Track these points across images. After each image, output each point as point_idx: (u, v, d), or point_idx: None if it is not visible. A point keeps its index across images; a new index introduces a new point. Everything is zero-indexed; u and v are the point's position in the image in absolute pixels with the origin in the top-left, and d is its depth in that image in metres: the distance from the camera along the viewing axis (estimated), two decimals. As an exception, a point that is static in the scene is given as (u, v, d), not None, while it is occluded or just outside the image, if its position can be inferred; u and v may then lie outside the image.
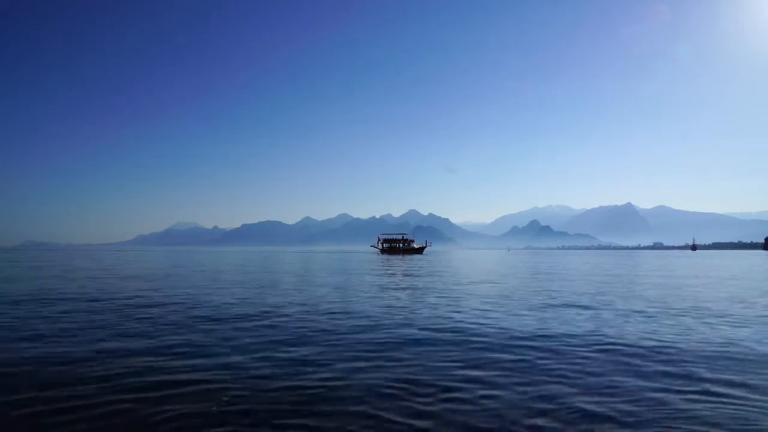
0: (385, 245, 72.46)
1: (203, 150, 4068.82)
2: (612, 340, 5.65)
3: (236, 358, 4.79)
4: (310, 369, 4.34)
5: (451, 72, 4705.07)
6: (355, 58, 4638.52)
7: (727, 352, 5.13)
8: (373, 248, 77.45)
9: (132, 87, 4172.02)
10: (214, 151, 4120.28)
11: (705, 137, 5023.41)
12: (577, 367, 4.41)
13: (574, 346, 5.34)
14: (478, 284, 13.96)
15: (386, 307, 8.75)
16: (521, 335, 5.94)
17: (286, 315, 7.63)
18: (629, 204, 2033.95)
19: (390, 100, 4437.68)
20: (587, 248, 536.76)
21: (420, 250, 72.73)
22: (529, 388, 3.74)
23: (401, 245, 71.50)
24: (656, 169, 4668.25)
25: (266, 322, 6.89)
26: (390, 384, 3.90)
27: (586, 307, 8.70)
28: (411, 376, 4.07)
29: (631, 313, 7.95)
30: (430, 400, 3.51)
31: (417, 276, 17.86)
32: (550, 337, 5.85)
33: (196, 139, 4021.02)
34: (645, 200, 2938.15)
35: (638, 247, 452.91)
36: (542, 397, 3.56)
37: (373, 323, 6.89)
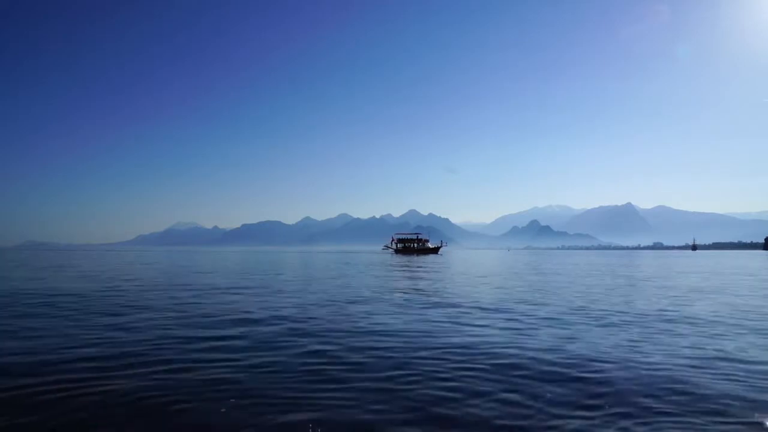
0: (399, 245, 71.43)
1: (203, 150, 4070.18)
2: None
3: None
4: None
5: (451, 72, 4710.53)
6: (355, 58, 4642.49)
7: None
8: (387, 248, 76.28)
9: (132, 87, 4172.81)
10: (214, 151, 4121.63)
11: (705, 137, 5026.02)
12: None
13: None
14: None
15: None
16: None
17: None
18: (629, 204, 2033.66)
19: (390, 100, 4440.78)
20: (587, 248, 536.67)
21: (435, 250, 71.17)
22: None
23: (416, 245, 70.42)
24: (656, 169, 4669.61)
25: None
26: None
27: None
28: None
29: None
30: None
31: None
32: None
33: (196, 139, 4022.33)
34: (645, 200, 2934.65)
35: (638, 247, 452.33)
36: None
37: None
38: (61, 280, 15.23)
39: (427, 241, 71.85)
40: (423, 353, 5.04)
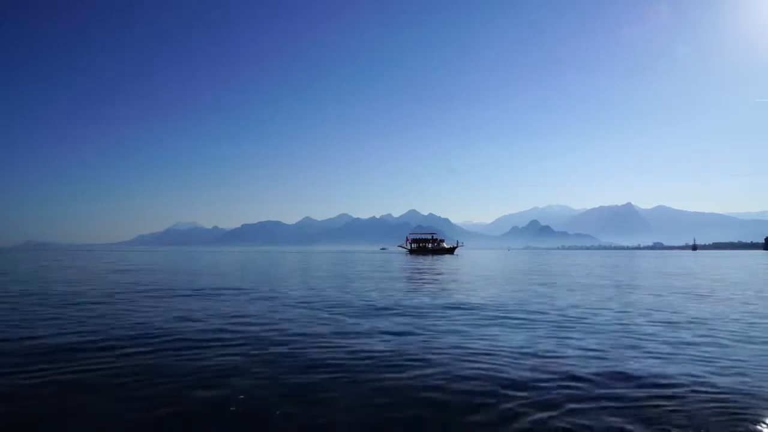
0: (413, 245, 70.46)
1: (203, 150, 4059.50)
2: None
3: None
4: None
5: (451, 72, 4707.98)
6: (355, 58, 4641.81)
7: None
8: (401, 248, 75.54)
9: (132, 87, 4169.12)
10: (214, 151, 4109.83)
11: (705, 137, 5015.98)
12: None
13: None
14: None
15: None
16: None
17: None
18: (629, 204, 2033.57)
19: (390, 100, 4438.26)
20: (587, 248, 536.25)
21: (451, 251, 69.93)
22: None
23: (431, 245, 69.45)
24: (656, 169, 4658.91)
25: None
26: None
27: None
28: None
29: None
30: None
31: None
32: None
33: (196, 139, 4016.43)
34: (645, 200, 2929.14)
35: (638, 247, 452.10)
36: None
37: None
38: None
39: (443, 241, 70.46)
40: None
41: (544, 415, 3.31)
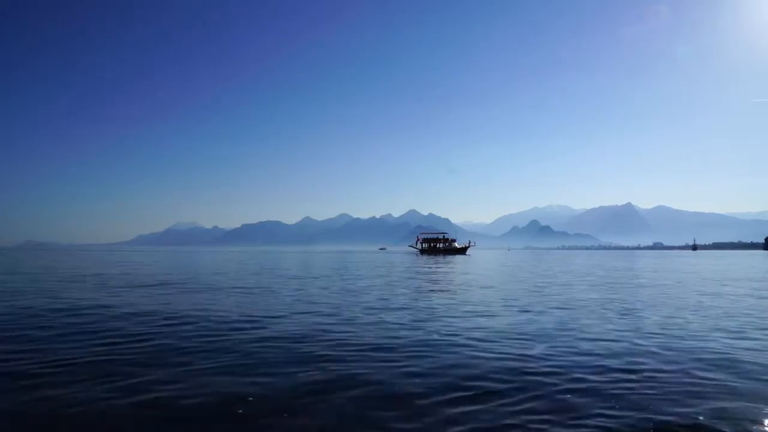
0: (424, 245, 70.25)
1: (203, 150, 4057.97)
2: None
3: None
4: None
5: (451, 72, 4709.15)
6: (355, 58, 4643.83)
7: None
8: (411, 248, 75.71)
9: (132, 87, 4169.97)
10: (214, 151, 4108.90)
11: (705, 137, 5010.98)
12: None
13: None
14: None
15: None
16: None
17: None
18: (629, 204, 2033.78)
19: (390, 100, 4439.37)
20: (587, 248, 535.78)
21: (462, 251, 69.11)
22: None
23: (442, 245, 69.04)
24: (656, 169, 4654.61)
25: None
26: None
27: None
28: None
29: None
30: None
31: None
32: None
33: (196, 139, 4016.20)
34: (645, 200, 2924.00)
35: (638, 247, 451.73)
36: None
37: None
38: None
39: (454, 240, 69.78)
40: None
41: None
